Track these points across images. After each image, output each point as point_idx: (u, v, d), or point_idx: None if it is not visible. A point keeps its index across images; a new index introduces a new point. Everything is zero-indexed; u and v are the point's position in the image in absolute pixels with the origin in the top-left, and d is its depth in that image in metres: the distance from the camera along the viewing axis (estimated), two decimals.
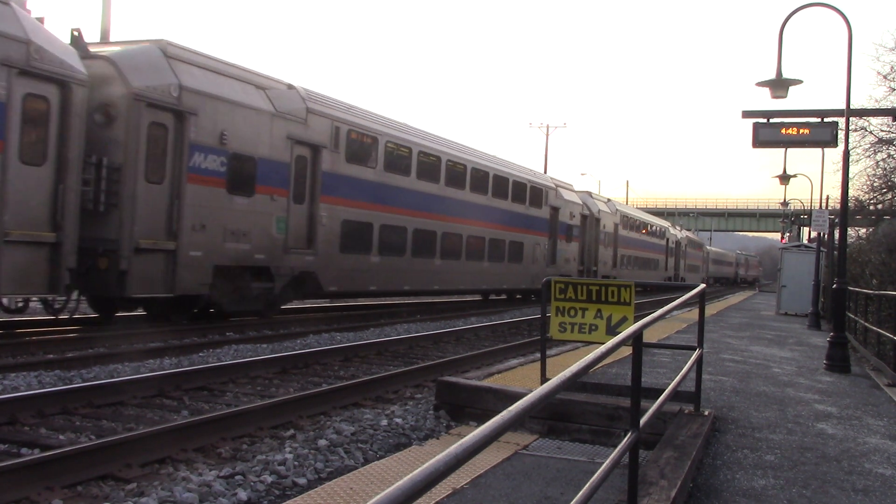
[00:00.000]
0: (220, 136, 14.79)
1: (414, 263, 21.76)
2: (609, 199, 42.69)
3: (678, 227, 63.51)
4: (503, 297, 31.15)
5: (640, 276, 45.13)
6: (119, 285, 13.14)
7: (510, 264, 27.78)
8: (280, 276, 16.67)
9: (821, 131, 12.23)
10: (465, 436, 1.88)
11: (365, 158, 19.51)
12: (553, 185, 31.84)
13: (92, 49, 13.78)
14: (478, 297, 30.47)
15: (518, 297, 31.24)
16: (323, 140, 17.71)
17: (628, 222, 43.47)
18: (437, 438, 7.17)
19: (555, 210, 31.38)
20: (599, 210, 37.52)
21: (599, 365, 3.43)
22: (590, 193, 38.79)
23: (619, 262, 40.69)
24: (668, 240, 54.33)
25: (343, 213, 18.57)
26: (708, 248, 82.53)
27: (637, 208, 58.15)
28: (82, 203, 12.60)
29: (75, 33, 13.56)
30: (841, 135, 12.28)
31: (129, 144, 13.20)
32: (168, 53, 14.13)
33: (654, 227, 50.84)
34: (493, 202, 26.38)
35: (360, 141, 19.39)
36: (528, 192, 29.11)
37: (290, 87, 17.32)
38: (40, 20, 12.56)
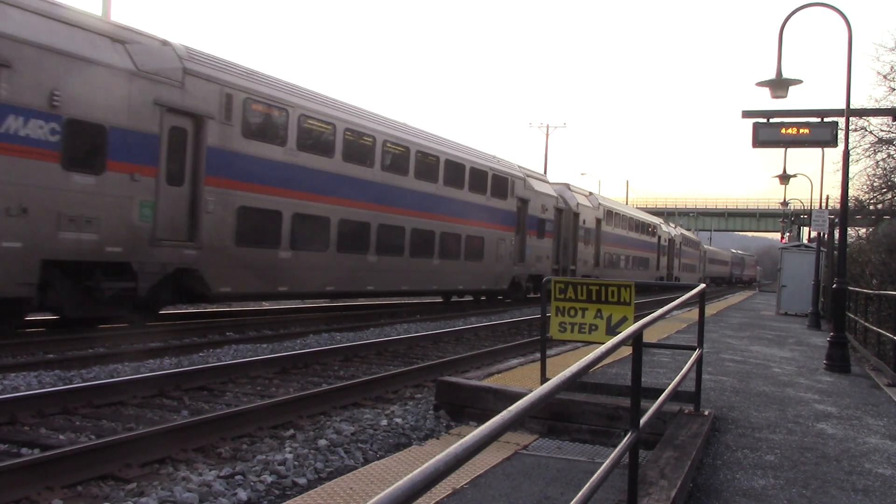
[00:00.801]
0: (50, 96, 11.74)
1: (339, 260, 18.52)
2: (591, 193, 39.13)
3: (672, 225, 60.79)
4: (469, 298, 28.28)
5: (628, 275, 41.77)
6: None
7: (468, 262, 24.55)
8: (146, 274, 13.49)
9: (821, 131, 12.23)
10: (465, 436, 1.87)
11: (270, 134, 16.36)
12: (521, 175, 28.45)
13: None
14: (438, 300, 27.35)
15: (483, 298, 28.20)
16: (209, 109, 14.48)
17: (613, 218, 40.31)
18: (437, 438, 7.17)
19: (523, 202, 28.16)
20: (578, 203, 34.40)
21: (599, 365, 3.43)
22: (567, 186, 35.33)
23: (602, 260, 37.80)
24: (660, 237, 51.05)
25: (239, 198, 15.34)
26: (705, 246, 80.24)
27: (637, 208, 56.78)
28: None
29: None
30: (841, 135, 12.28)
31: None
32: None
33: (643, 224, 47.50)
34: (444, 191, 23.12)
35: (264, 113, 16.28)
36: (490, 180, 25.85)
37: (165, 43, 14.03)
38: None
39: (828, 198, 30.00)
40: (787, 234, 50.45)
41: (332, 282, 18.57)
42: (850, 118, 13.47)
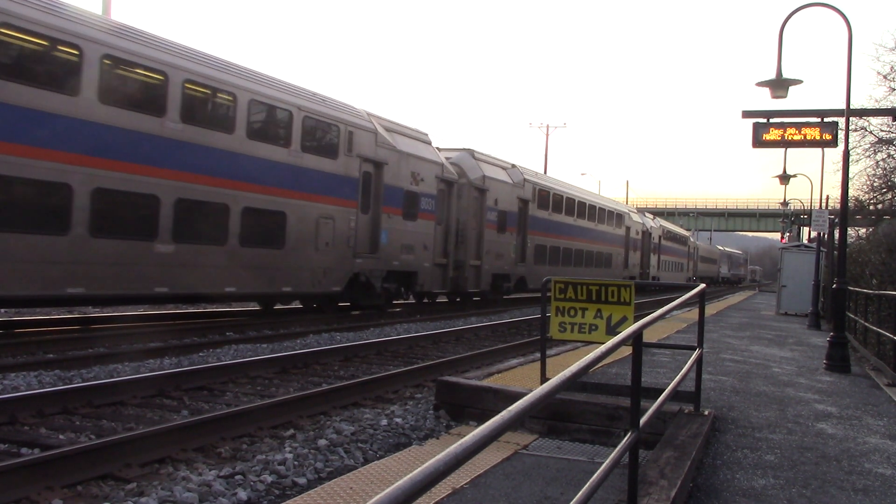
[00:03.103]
0: None
1: None
2: (514, 165, 28.75)
3: (649, 216, 52.57)
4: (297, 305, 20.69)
5: (578, 274, 32.28)
6: None
7: (249, 250, 15.70)
8: None
9: (821, 131, 12.23)
10: (465, 436, 1.88)
11: None
12: (371, 126, 19.53)
13: None
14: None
15: (315, 305, 20.27)
16: None
17: (550, 200, 31.00)
18: (437, 438, 7.17)
19: (375, 165, 19.59)
20: (486, 177, 25.39)
21: (599, 365, 3.43)
22: (471, 153, 25.78)
23: (530, 254, 29.10)
24: (628, 228, 42.00)
25: None
26: (696, 242, 73.07)
27: (638, 208, 53.74)
28: None
29: None
30: (841, 135, 12.28)
31: None
32: None
33: (601, 210, 37.59)
34: (185, 134, 14.12)
35: None
36: (299, 125, 16.91)
37: None
38: None
39: (828, 198, 29.97)
40: (787, 234, 50.44)
41: None
42: (850, 118, 13.48)
